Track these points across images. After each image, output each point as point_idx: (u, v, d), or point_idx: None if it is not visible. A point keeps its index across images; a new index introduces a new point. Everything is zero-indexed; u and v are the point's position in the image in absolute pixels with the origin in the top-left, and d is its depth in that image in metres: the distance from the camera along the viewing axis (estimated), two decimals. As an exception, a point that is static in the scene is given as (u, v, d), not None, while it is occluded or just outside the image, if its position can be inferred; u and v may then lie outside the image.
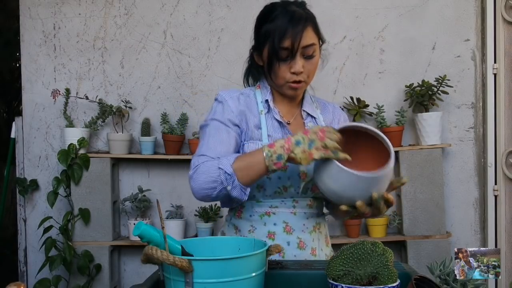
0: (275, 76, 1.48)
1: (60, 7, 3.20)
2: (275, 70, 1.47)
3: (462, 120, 3.11)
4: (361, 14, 3.15)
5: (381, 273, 1.16)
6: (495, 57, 3.04)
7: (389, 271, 1.16)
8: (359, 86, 3.13)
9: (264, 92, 1.56)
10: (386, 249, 1.19)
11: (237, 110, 1.51)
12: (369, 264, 1.17)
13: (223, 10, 3.16)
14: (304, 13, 1.46)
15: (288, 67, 1.46)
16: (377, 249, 1.18)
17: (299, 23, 1.42)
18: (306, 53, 1.45)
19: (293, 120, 1.57)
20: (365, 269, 1.15)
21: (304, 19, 1.43)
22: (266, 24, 1.47)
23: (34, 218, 3.19)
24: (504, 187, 3.02)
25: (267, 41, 1.45)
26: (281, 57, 1.44)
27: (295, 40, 1.41)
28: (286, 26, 1.42)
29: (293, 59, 1.44)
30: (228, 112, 1.50)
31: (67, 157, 2.94)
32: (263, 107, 1.54)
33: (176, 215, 3.04)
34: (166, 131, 3.00)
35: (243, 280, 1.08)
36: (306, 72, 1.47)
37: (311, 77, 1.51)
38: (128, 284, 3.14)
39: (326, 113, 1.63)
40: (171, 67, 3.19)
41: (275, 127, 1.52)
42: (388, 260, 1.17)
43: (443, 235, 2.94)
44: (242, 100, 1.54)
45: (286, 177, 1.48)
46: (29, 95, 3.22)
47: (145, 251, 1.07)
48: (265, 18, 1.49)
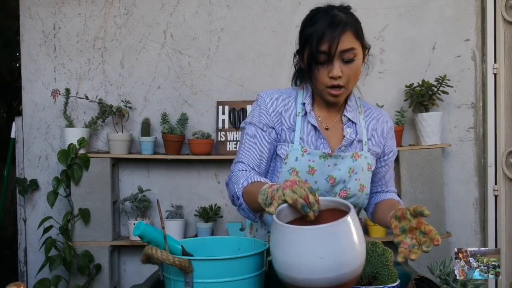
0: (315, 80, 1.47)
1: (60, 7, 3.20)
2: (314, 74, 1.46)
3: (462, 120, 3.11)
4: (361, 14, 3.10)
5: (381, 273, 1.16)
6: (495, 57, 3.04)
7: (389, 271, 1.16)
8: (359, 86, 3.12)
9: (305, 94, 1.55)
10: (386, 249, 1.20)
11: (274, 111, 1.52)
12: (369, 264, 1.17)
13: (223, 10, 3.16)
14: (345, 17, 1.45)
15: (326, 71, 1.44)
16: (377, 249, 1.18)
17: (337, 27, 1.41)
18: (345, 58, 1.43)
19: (332, 125, 1.55)
20: (365, 269, 1.15)
21: (344, 24, 1.42)
22: (307, 27, 1.47)
23: (34, 218, 3.19)
24: (504, 187, 3.02)
25: (307, 44, 1.45)
26: (319, 60, 1.42)
27: (332, 43, 1.40)
28: (324, 30, 1.41)
29: (331, 63, 1.42)
30: (265, 115, 1.52)
31: (67, 157, 2.94)
32: (301, 109, 1.53)
33: (176, 215, 3.04)
34: (166, 131, 3.00)
35: (243, 280, 1.08)
36: (345, 76, 1.44)
37: (353, 83, 1.49)
38: (128, 284, 3.14)
39: (369, 118, 1.60)
40: (171, 67, 3.19)
41: (309, 130, 1.51)
42: (388, 260, 1.17)
43: (443, 235, 2.94)
44: (280, 101, 1.54)
45: (314, 181, 1.48)
46: (29, 95, 3.22)
47: (145, 251, 1.07)
48: (308, 22, 1.49)
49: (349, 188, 1.50)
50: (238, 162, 1.50)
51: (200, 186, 3.18)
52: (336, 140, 1.53)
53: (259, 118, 1.52)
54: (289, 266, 1.03)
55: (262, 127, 1.52)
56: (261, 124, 1.52)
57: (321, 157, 1.48)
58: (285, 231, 1.04)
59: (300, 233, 1.02)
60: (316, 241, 1.01)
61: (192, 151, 3.03)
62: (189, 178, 3.18)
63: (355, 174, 1.50)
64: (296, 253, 1.01)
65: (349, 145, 1.52)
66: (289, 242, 1.02)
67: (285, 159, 1.48)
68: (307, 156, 1.47)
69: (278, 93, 1.56)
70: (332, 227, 1.01)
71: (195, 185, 3.18)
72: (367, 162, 1.52)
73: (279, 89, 1.60)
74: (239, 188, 1.39)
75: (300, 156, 1.47)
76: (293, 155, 1.47)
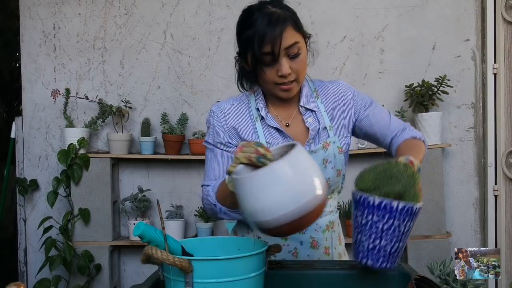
0: (263, 82, 1.44)
1: (60, 7, 3.20)
2: (261, 76, 1.42)
3: (462, 120, 3.11)
4: (361, 14, 3.15)
5: (407, 193, 1.20)
6: (495, 57, 3.04)
7: (415, 192, 1.21)
8: (359, 86, 3.13)
9: (257, 98, 1.52)
10: (415, 172, 1.25)
11: (227, 126, 1.49)
12: (398, 183, 1.21)
13: (223, 10, 3.16)
14: (282, 12, 1.39)
15: (274, 70, 1.40)
16: (409, 170, 1.23)
17: (277, 25, 1.36)
18: (290, 53, 1.39)
19: (292, 120, 1.52)
20: (394, 187, 1.20)
21: (282, 20, 1.37)
22: (245, 30, 1.41)
23: (34, 218, 3.19)
24: (504, 187, 3.02)
25: (249, 47, 1.40)
26: (265, 62, 1.39)
27: (275, 44, 1.36)
28: (264, 31, 1.36)
29: (277, 62, 1.39)
30: (219, 131, 1.50)
31: (67, 157, 2.94)
32: (257, 115, 1.50)
33: (176, 215, 3.04)
34: (166, 131, 3.00)
35: (243, 280, 1.08)
36: (294, 71, 1.41)
37: (302, 75, 1.45)
38: (128, 284, 3.14)
39: (327, 99, 1.54)
40: (171, 67, 3.19)
41: (272, 133, 1.48)
42: (416, 182, 1.23)
43: (443, 235, 2.94)
44: (232, 112, 1.50)
45: None
46: (29, 95, 3.22)
47: (145, 251, 1.07)
48: (244, 23, 1.43)
49: (328, 178, 1.48)
50: (204, 186, 1.51)
51: (200, 186, 3.17)
52: (301, 134, 1.50)
53: (213, 137, 1.51)
54: (258, 212, 1.08)
55: (217, 145, 1.50)
56: (216, 143, 1.50)
57: None
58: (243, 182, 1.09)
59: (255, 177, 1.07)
60: (271, 179, 1.06)
61: (192, 151, 3.03)
62: (189, 178, 3.18)
63: (329, 164, 1.48)
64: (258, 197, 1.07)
65: (315, 136, 1.49)
66: (250, 190, 1.08)
67: None
68: None
69: (229, 103, 1.53)
70: (282, 161, 1.07)
71: (195, 185, 3.18)
72: (337, 146, 1.50)
73: (231, 98, 1.56)
74: (211, 197, 1.43)
75: None
76: None
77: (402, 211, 1.17)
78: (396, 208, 1.17)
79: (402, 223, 1.19)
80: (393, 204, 1.17)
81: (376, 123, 1.55)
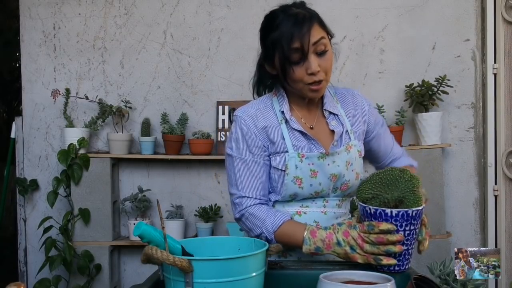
0: (292, 81, 1.44)
1: (60, 7, 3.20)
2: (290, 75, 1.43)
3: (462, 120, 3.11)
4: (361, 14, 3.15)
5: (407, 197, 1.25)
6: (495, 57, 3.04)
7: (415, 196, 1.25)
8: (359, 86, 3.13)
9: (281, 101, 1.53)
10: (413, 176, 1.28)
11: (258, 129, 1.49)
12: (396, 189, 1.26)
13: (223, 10, 3.16)
14: (306, 12, 1.43)
15: (303, 69, 1.41)
16: (405, 175, 1.27)
17: (304, 23, 1.39)
18: (318, 50, 1.41)
19: (315, 122, 1.54)
20: (393, 193, 1.25)
21: (309, 18, 1.41)
22: (271, 33, 1.43)
23: (34, 218, 3.19)
24: (504, 187, 3.02)
25: (276, 49, 1.42)
26: (294, 60, 1.40)
27: (303, 39, 1.38)
28: (292, 30, 1.39)
29: (306, 60, 1.40)
30: (251, 136, 1.48)
31: (67, 157, 2.94)
32: (282, 117, 1.50)
33: (176, 215, 3.04)
34: (166, 131, 3.00)
35: (243, 280, 1.08)
36: (323, 69, 1.43)
37: (330, 74, 1.47)
38: (128, 284, 3.14)
39: (346, 105, 1.58)
40: (171, 67, 3.19)
41: (297, 136, 1.49)
42: (415, 185, 1.27)
43: (443, 235, 2.94)
44: (260, 116, 1.50)
45: (318, 183, 1.47)
46: (29, 95, 3.22)
47: (145, 251, 1.07)
48: (269, 27, 1.46)
49: (348, 180, 1.51)
50: (243, 197, 1.48)
51: (200, 186, 3.18)
52: (325, 136, 1.52)
53: (245, 143, 1.49)
54: None
55: (253, 151, 1.48)
56: (251, 149, 1.48)
57: (319, 157, 1.47)
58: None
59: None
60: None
61: (192, 151, 3.03)
62: (189, 178, 3.18)
63: (351, 166, 1.51)
64: None
65: (339, 139, 1.52)
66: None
67: (285, 170, 1.46)
68: (305, 160, 1.46)
69: (253, 107, 1.53)
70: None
71: (195, 185, 3.18)
72: (357, 149, 1.54)
73: (253, 102, 1.56)
74: (268, 232, 1.43)
75: (299, 163, 1.46)
76: (292, 163, 1.46)
77: (397, 217, 1.23)
78: (391, 214, 1.23)
79: (401, 228, 1.24)
80: (387, 211, 1.23)
81: (383, 144, 1.65)
